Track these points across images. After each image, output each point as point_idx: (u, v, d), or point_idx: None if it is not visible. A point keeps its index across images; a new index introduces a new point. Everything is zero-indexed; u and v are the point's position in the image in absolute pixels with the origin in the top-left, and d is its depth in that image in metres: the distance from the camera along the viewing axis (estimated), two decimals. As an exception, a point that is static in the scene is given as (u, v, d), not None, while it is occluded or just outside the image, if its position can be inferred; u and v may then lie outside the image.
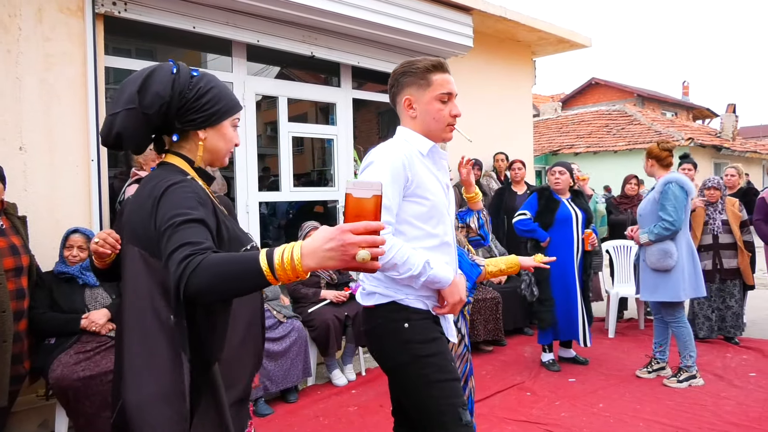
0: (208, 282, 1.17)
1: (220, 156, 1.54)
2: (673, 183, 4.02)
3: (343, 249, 1.12)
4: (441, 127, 1.96)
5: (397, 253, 1.75)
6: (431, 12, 5.40)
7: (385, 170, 1.81)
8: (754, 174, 15.70)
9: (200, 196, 1.38)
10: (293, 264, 1.15)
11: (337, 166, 5.60)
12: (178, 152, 1.51)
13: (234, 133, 1.55)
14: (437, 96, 1.92)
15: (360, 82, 6.19)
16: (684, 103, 27.59)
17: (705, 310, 5.21)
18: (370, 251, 1.12)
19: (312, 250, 1.15)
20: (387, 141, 1.96)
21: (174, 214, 1.29)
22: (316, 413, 3.76)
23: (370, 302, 1.92)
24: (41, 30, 3.61)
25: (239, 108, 1.55)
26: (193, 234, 1.26)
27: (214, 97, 1.48)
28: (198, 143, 1.49)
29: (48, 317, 3.14)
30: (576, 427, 3.44)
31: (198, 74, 1.50)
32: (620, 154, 16.02)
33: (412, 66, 1.94)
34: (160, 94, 1.42)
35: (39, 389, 3.34)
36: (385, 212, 1.69)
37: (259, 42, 4.66)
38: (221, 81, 1.56)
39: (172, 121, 1.47)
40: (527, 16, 6.45)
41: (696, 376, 4.11)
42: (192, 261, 1.19)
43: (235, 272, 1.18)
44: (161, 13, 4.07)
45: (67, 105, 3.70)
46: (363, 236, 1.12)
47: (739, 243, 5.14)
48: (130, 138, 1.45)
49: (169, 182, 1.38)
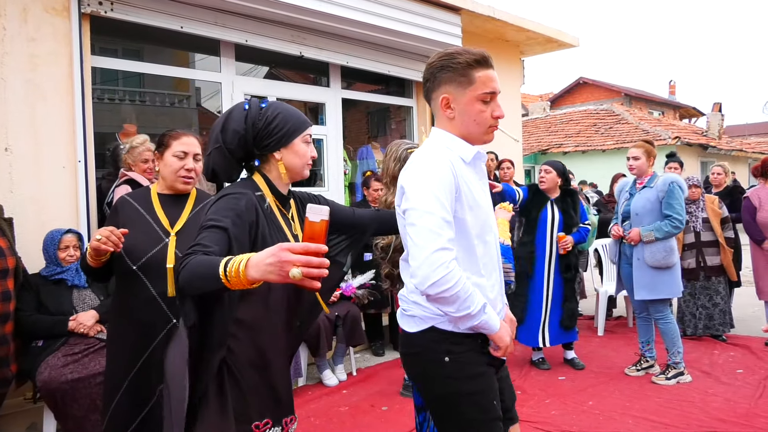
0: (187, 278, 1.35)
1: (297, 170, 1.70)
2: (675, 182, 4.13)
3: (279, 265, 1.22)
4: (482, 130, 1.73)
5: (463, 286, 1.54)
6: (420, 12, 5.41)
7: (434, 183, 1.59)
8: (740, 172, 15.86)
9: (241, 212, 1.54)
10: (238, 273, 1.27)
11: (327, 165, 5.60)
12: (261, 171, 1.71)
13: (307, 148, 1.71)
14: (479, 96, 1.68)
15: (349, 82, 6.19)
16: (671, 102, 27.84)
17: (691, 307, 5.27)
18: (302, 270, 1.20)
19: (256, 263, 1.26)
20: (425, 147, 1.75)
21: (209, 218, 1.51)
22: (307, 414, 3.75)
23: (410, 328, 1.74)
24: (26, 30, 3.57)
25: (306, 125, 1.71)
26: (209, 237, 1.44)
27: (281, 122, 1.66)
28: (276, 163, 1.68)
29: (35, 319, 3.10)
30: (566, 424, 3.46)
31: (266, 104, 1.70)
32: (608, 153, 16.13)
33: (452, 60, 1.69)
34: (236, 129, 1.65)
35: (26, 392, 3.31)
36: (446, 227, 1.55)
37: (248, 42, 4.64)
38: (288, 105, 1.72)
39: (251, 149, 1.69)
40: (515, 16, 6.47)
41: (684, 373, 4.15)
42: (187, 259, 1.37)
43: (202, 274, 1.33)
44: (148, 12, 4.04)
45: (53, 105, 3.66)
46: (298, 256, 1.21)
47: (720, 240, 5.19)
48: (223, 171, 1.70)
49: (225, 193, 1.60)
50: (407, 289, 1.77)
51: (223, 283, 1.29)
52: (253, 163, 1.74)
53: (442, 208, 1.56)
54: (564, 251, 4.42)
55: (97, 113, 4.18)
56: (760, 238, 5.05)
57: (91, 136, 3.88)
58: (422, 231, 1.54)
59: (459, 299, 1.53)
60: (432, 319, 1.68)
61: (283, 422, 1.69)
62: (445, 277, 1.50)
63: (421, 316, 1.70)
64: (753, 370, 4.38)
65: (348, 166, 6.11)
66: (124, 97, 7.25)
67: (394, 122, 7.18)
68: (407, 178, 1.65)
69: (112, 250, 1.96)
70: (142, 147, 3.58)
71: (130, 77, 6.92)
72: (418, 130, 6.41)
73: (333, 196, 5.59)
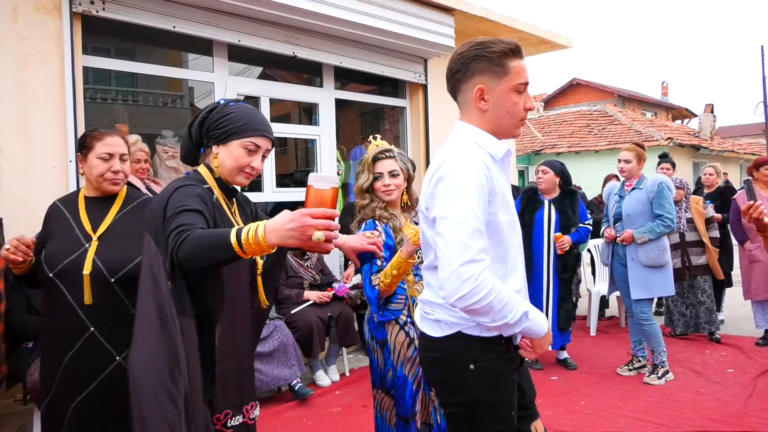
0: (191, 252, 1.37)
1: (227, 172, 1.70)
2: (664, 183, 4.20)
3: (302, 229, 1.27)
4: (514, 122, 1.66)
5: (496, 296, 1.46)
6: (413, 12, 5.41)
7: (469, 186, 1.52)
8: (731, 173, 15.97)
9: (202, 197, 1.59)
10: (257, 239, 1.31)
11: (320, 166, 5.59)
12: (206, 163, 1.76)
13: (246, 155, 1.68)
14: (514, 86, 1.62)
15: (343, 83, 6.18)
16: (663, 103, 27.97)
17: (679, 306, 5.34)
18: (325, 234, 1.26)
19: (275, 228, 1.30)
20: (453, 144, 1.65)
21: (178, 205, 1.52)
22: (300, 414, 3.75)
23: (433, 332, 1.68)
24: (17, 29, 3.55)
25: (249, 133, 1.68)
26: (188, 219, 1.47)
27: (230, 120, 1.68)
28: (213, 157, 1.72)
29: (25, 320, 3.08)
30: (558, 424, 3.47)
31: (234, 103, 1.73)
32: (601, 154, 16.18)
33: (486, 49, 1.61)
34: (200, 117, 1.73)
35: (16, 394, 3.29)
36: (478, 238, 1.49)
37: (241, 42, 4.63)
38: (254, 113, 1.74)
39: (202, 138, 1.75)
40: (508, 17, 6.49)
41: (668, 371, 4.21)
42: (182, 235, 1.40)
43: (211, 245, 1.36)
44: (140, 12, 4.03)
45: (44, 105, 3.64)
46: (320, 220, 1.26)
47: (704, 240, 5.27)
48: (185, 154, 1.83)
49: (180, 184, 1.63)
50: (430, 292, 1.72)
51: (236, 251, 1.32)
52: (200, 150, 1.79)
53: (475, 218, 1.50)
54: (561, 251, 4.43)
55: (89, 113, 4.16)
56: (742, 239, 5.15)
57: (83, 136, 3.86)
58: (451, 243, 1.48)
59: (492, 310, 1.47)
60: (459, 324, 1.62)
61: (243, 410, 1.72)
62: (473, 290, 1.44)
63: (447, 321, 1.64)
64: (744, 369, 4.41)
65: (341, 167, 6.11)
66: (116, 97, 7.22)
67: (387, 123, 7.18)
68: (438, 183, 1.57)
69: (21, 260, 1.90)
70: (134, 147, 3.57)
71: (123, 77, 6.89)
72: (410, 130, 6.42)
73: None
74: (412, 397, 2.35)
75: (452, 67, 1.69)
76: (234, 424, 1.67)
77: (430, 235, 1.66)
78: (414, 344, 2.34)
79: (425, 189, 1.66)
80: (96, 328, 1.91)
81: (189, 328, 1.48)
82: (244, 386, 1.73)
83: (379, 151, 2.50)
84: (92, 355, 1.91)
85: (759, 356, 4.71)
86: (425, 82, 6.19)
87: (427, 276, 1.75)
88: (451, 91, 1.73)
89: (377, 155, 2.49)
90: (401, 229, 2.44)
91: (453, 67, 1.68)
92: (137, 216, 2.02)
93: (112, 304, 1.94)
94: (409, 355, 2.34)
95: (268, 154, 1.76)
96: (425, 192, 1.66)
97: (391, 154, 2.48)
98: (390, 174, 2.46)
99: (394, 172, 2.46)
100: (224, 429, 1.64)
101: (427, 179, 1.65)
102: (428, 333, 1.70)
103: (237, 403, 1.69)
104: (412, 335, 2.34)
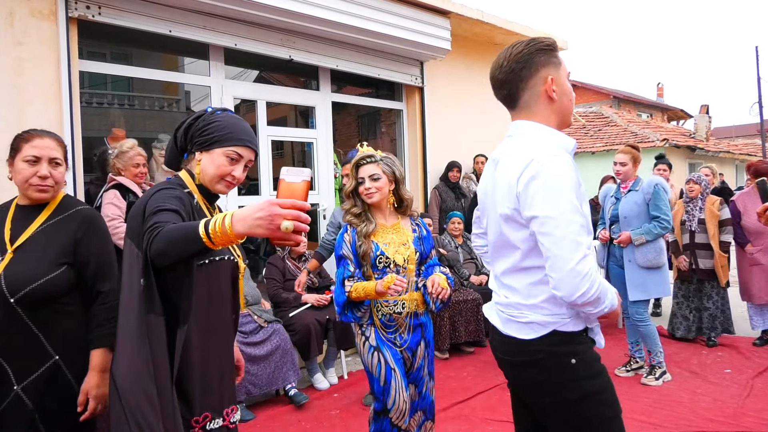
0: (163, 246, 1.37)
1: (208, 179, 1.70)
2: (659, 184, 4.20)
3: (270, 218, 1.24)
4: (572, 109, 1.73)
5: (599, 284, 1.52)
6: (409, 15, 5.43)
7: (565, 182, 1.53)
8: (727, 174, 16.02)
9: (181, 199, 1.59)
10: (224, 228, 1.30)
11: (317, 169, 5.59)
12: (188, 169, 1.76)
13: (228, 164, 1.68)
14: (567, 74, 1.71)
15: (339, 86, 6.19)
16: (659, 104, 28.06)
17: (683, 309, 5.21)
18: (294, 224, 1.24)
19: (243, 217, 1.29)
20: (535, 144, 1.62)
21: (155, 206, 1.52)
22: (298, 418, 3.74)
23: (525, 335, 1.66)
24: (12, 34, 3.55)
25: (233, 142, 1.68)
26: (163, 217, 1.47)
27: (215, 127, 1.68)
28: (196, 163, 1.71)
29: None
30: (556, 426, 3.48)
31: (220, 112, 1.73)
32: (597, 155, 16.23)
33: (542, 43, 1.67)
34: (186, 123, 1.73)
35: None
36: (584, 233, 1.53)
37: (237, 46, 4.64)
38: (239, 122, 1.74)
39: (186, 144, 1.75)
40: (504, 19, 6.51)
41: (666, 372, 4.22)
42: (155, 231, 1.41)
43: (181, 237, 1.36)
44: (137, 16, 4.03)
45: (40, 110, 3.64)
46: (289, 210, 1.24)
47: (713, 243, 5.02)
48: (169, 159, 1.82)
49: (160, 188, 1.64)
50: (516, 295, 1.69)
51: (205, 243, 1.32)
52: (183, 156, 1.79)
53: (578, 213, 1.53)
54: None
55: (86, 117, 4.16)
56: (743, 241, 5.10)
57: (79, 141, 3.86)
58: (562, 241, 1.50)
59: (600, 299, 1.54)
60: (553, 323, 1.63)
61: (224, 413, 1.71)
62: (591, 285, 1.50)
63: (541, 321, 1.64)
64: (741, 369, 4.42)
65: (338, 170, 6.11)
66: (112, 101, 7.21)
67: (384, 125, 7.19)
68: (531, 182, 1.54)
69: None
70: (133, 152, 3.57)
71: (119, 81, 6.88)
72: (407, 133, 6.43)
73: (323, 199, 5.59)
74: (380, 393, 2.53)
75: (513, 67, 1.67)
76: (213, 427, 1.65)
77: (514, 237, 1.65)
78: (369, 342, 2.57)
79: (508, 190, 1.62)
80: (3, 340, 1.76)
81: (158, 327, 1.49)
82: (224, 390, 1.72)
83: (361, 157, 2.63)
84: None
85: (756, 357, 4.72)
86: (422, 84, 6.20)
87: (510, 279, 1.72)
88: (513, 91, 1.70)
89: (359, 161, 2.63)
90: (373, 235, 2.58)
91: (514, 67, 1.67)
92: (62, 228, 1.88)
93: (14, 326, 1.77)
94: (365, 351, 2.59)
95: (251, 164, 1.75)
96: (508, 193, 1.62)
97: (372, 159, 2.60)
98: (370, 178, 2.57)
99: (375, 176, 2.57)
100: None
101: (511, 180, 1.60)
102: (518, 336, 1.67)
103: (216, 406, 1.67)
104: (368, 334, 2.59)
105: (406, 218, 2.73)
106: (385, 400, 2.51)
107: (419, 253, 2.64)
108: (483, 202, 1.87)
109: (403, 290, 2.44)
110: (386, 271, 2.55)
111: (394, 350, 2.57)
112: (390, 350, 2.56)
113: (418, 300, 2.62)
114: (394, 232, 2.64)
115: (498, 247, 1.75)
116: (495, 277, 1.83)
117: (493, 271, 1.84)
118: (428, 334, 2.68)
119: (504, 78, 1.69)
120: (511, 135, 1.73)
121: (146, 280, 1.47)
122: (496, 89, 1.74)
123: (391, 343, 2.57)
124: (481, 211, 1.91)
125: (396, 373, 2.52)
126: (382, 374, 2.52)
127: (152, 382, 1.46)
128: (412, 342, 2.61)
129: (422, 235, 2.71)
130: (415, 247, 2.63)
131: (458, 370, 4.63)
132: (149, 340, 1.48)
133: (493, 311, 1.81)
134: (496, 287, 1.81)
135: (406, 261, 2.59)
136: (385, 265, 2.56)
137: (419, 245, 2.66)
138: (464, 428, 3.46)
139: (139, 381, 1.46)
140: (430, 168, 6.41)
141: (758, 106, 20.42)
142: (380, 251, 2.56)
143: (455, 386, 4.20)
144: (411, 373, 2.63)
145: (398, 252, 2.59)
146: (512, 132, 1.72)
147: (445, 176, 6.31)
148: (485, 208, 1.85)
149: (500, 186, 1.67)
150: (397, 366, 2.54)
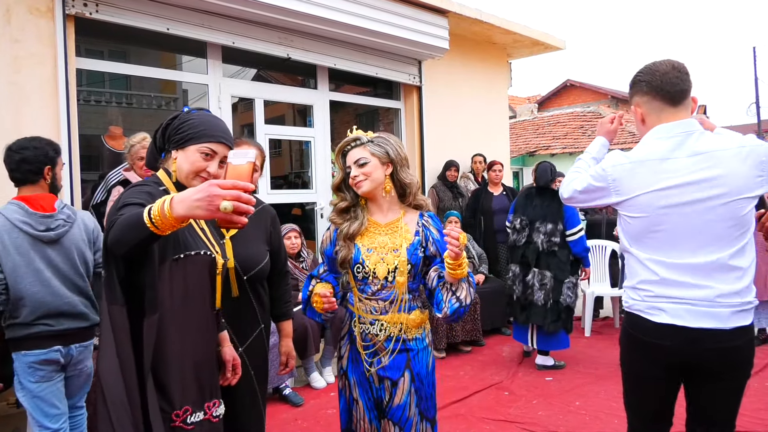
0: (118, 234, 1.39)
1: (183, 176, 1.72)
2: None
3: (209, 199, 1.24)
4: None
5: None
6: (407, 14, 5.43)
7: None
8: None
9: (152, 194, 1.60)
10: (163, 211, 1.30)
11: (315, 168, 5.59)
12: (164, 167, 1.78)
13: (202, 161, 1.70)
14: None
15: (337, 84, 6.19)
16: (657, 104, 28.05)
17: None
18: (234, 204, 1.23)
19: (182, 199, 1.29)
20: (724, 131, 2.01)
21: (123, 201, 1.55)
22: (294, 416, 3.74)
23: (748, 320, 1.87)
24: (9, 31, 3.54)
25: (206, 139, 1.70)
26: (130, 211, 1.46)
27: (190, 125, 1.72)
28: (172, 161, 1.74)
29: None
30: (553, 425, 3.48)
31: (195, 112, 1.77)
32: (595, 155, 16.23)
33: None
34: (163, 125, 1.78)
35: (10, 397, 3.27)
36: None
37: (235, 44, 4.63)
38: (215, 120, 1.76)
39: (163, 143, 1.79)
40: (502, 19, 6.52)
41: None
42: (113, 223, 1.43)
43: (132, 223, 1.36)
44: (134, 14, 4.02)
45: (37, 108, 3.63)
46: (228, 190, 1.24)
47: None
48: (149, 159, 1.86)
49: (134, 185, 1.68)
50: (738, 282, 1.83)
51: (150, 228, 1.31)
52: (160, 156, 1.82)
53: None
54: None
55: (83, 115, 4.15)
56: None
57: (77, 139, 3.85)
58: None
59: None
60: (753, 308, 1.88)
61: (205, 407, 1.71)
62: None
63: (751, 308, 1.86)
64: (737, 369, 4.42)
65: (336, 169, 6.11)
66: (110, 100, 7.20)
67: (382, 124, 7.19)
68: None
69: None
70: (139, 145, 3.51)
71: (117, 79, 6.87)
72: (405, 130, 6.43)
73: (320, 198, 5.59)
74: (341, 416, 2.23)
75: (684, 78, 1.95)
76: (194, 420, 1.64)
77: (750, 217, 1.84)
78: (341, 362, 2.20)
79: (754, 171, 1.79)
80: None
81: (120, 317, 1.51)
82: (204, 383, 1.71)
83: (345, 143, 2.13)
84: None
85: (752, 356, 4.73)
86: (420, 83, 6.20)
87: (738, 260, 1.83)
88: (683, 94, 1.95)
89: (344, 147, 2.13)
90: (360, 236, 2.09)
91: (685, 78, 1.95)
92: (259, 221, 2.13)
93: (242, 300, 2.14)
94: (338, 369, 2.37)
95: (226, 160, 1.75)
96: (752, 174, 1.79)
97: (358, 143, 2.09)
98: (356, 164, 2.06)
99: (360, 161, 2.05)
100: (184, 426, 1.61)
101: (755, 160, 1.79)
102: (745, 323, 1.85)
103: (197, 399, 1.67)
104: (343, 352, 2.19)
105: (413, 212, 2.14)
106: (342, 427, 2.19)
107: (413, 264, 2.04)
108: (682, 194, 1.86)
109: (331, 307, 2.05)
110: (367, 283, 2.06)
111: (365, 381, 2.10)
112: (357, 378, 2.12)
113: (406, 324, 2.05)
114: (388, 233, 2.08)
115: (716, 235, 1.82)
116: (700, 270, 1.84)
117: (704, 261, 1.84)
118: (417, 366, 2.06)
119: (685, 87, 1.95)
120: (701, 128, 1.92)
121: (106, 271, 1.52)
122: (683, 81, 1.94)
123: (368, 365, 2.08)
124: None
125: (359, 405, 2.11)
126: (345, 402, 2.17)
127: (120, 373, 1.49)
128: (391, 372, 2.05)
129: (427, 237, 2.08)
130: (407, 255, 2.03)
131: (455, 369, 4.63)
132: (113, 331, 1.51)
133: (697, 315, 1.86)
134: (704, 280, 1.84)
135: (391, 273, 2.02)
136: (364, 276, 2.06)
137: (416, 253, 2.05)
138: (461, 428, 3.47)
139: (113, 373, 1.50)
140: (428, 167, 6.41)
141: (756, 106, 20.48)
142: (361, 259, 2.06)
143: (452, 385, 4.20)
144: (390, 407, 2.06)
145: (383, 261, 2.03)
146: (694, 128, 1.91)
147: (443, 175, 6.31)
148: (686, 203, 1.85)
149: (733, 170, 1.79)
150: (360, 398, 2.11)
